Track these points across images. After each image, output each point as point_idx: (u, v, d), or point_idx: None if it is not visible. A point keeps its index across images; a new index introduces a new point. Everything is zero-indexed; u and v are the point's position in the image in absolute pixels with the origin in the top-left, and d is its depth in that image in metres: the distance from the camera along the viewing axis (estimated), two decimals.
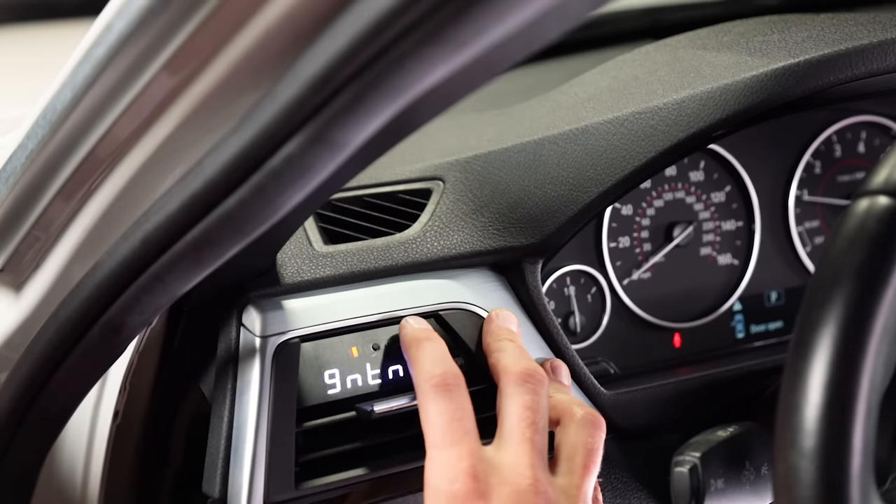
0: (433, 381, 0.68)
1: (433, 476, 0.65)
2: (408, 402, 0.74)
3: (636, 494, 0.87)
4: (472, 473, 0.64)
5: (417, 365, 0.70)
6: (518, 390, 0.69)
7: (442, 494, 0.64)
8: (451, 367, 0.69)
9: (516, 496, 0.64)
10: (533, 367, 0.71)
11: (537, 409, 0.68)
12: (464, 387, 0.69)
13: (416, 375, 0.70)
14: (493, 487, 0.64)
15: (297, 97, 0.48)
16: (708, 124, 0.80)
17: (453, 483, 0.64)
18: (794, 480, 0.56)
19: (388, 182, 0.86)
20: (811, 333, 0.57)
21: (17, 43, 1.34)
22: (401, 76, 0.46)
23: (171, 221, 0.56)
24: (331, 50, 0.46)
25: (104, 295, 0.61)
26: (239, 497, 0.70)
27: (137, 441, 0.82)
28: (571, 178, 0.82)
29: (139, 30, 0.53)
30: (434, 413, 0.67)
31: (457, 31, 0.44)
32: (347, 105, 0.48)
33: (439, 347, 0.72)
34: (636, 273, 0.96)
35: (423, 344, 0.72)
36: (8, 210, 0.69)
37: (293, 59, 0.48)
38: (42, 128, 0.62)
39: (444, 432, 0.66)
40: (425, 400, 0.68)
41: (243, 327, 0.73)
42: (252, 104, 0.51)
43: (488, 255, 0.82)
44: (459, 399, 0.68)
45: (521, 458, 0.66)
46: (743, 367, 0.92)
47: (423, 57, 0.45)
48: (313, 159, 0.51)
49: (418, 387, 0.69)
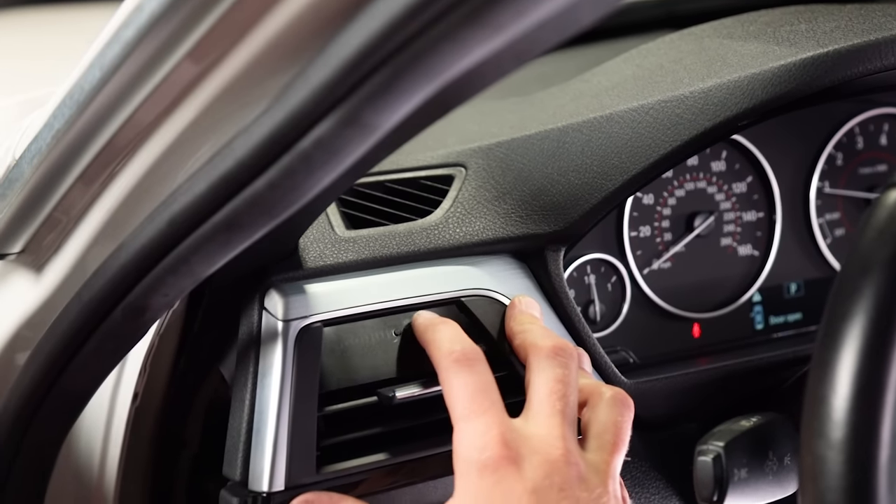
0: (453, 355, 0.67)
1: (463, 448, 0.64)
2: (429, 388, 0.73)
3: (654, 484, 0.87)
4: (503, 441, 0.63)
5: (435, 345, 0.70)
6: (549, 363, 0.68)
7: (473, 465, 0.63)
8: (469, 343, 0.69)
9: (548, 465, 0.63)
10: (563, 343, 0.70)
11: (568, 383, 0.67)
12: (485, 361, 0.68)
13: (435, 354, 0.69)
14: (524, 455, 0.63)
15: (330, 78, 0.48)
16: (734, 113, 0.79)
17: (483, 451, 0.62)
18: (821, 471, 0.55)
19: (410, 168, 0.86)
20: (840, 324, 0.57)
21: (37, 24, 1.34)
22: (435, 59, 0.46)
23: (199, 203, 0.56)
24: (366, 31, 0.46)
25: (128, 276, 0.61)
26: (260, 480, 0.69)
27: (155, 423, 0.82)
28: (595, 166, 0.82)
29: (170, 11, 0.53)
30: (458, 386, 0.66)
31: (495, 13, 0.44)
32: (380, 87, 0.47)
33: (455, 327, 0.71)
34: (656, 262, 0.95)
35: (437, 326, 0.72)
36: (31, 191, 0.69)
37: (326, 40, 0.48)
38: (69, 108, 0.62)
39: (470, 403, 0.65)
40: (447, 375, 0.67)
41: (265, 311, 0.73)
42: (283, 86, 0.51)
43: (511, 243, 0.82)
44: (482, 372, 0.67)
45: (552, 429, 0.64)
46: (762, 358, 0.91)
47: (459, 39, 0.45)
48: (344, 142, 0.50)
49: (439, 364, 0.68)
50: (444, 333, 0.70)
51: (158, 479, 0.84)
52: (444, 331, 0.71)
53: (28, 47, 1.20)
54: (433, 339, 0.70)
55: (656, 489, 0.87)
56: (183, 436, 0.84)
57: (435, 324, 0.72)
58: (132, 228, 0.61)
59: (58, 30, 1.31)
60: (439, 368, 0.68)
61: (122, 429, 0.79)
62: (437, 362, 0.69)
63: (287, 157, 0.51)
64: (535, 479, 0.62)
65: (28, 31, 1.30)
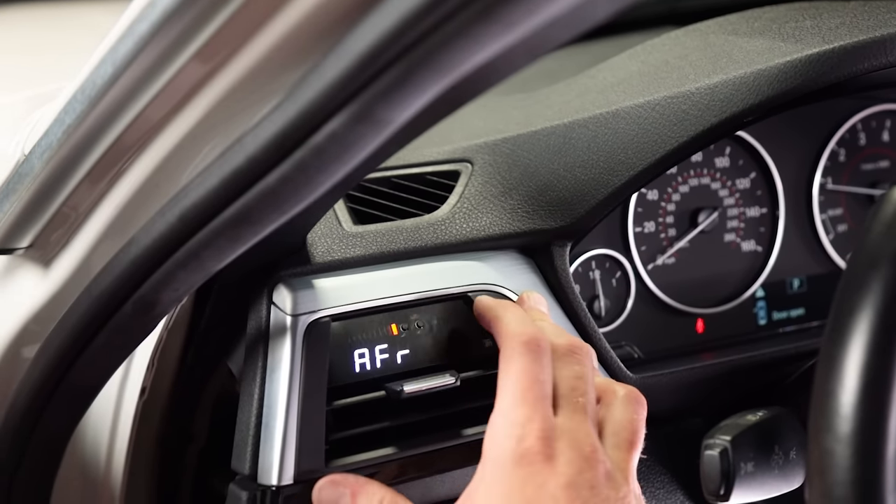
0: (523, 337, 0.66)
1: (499, 433, 0.63)
2: (437, 382, 0.74)
3: (659, 478, 0.88)
4: (544, 437, 0.62)
5: (504, 323, 0.69)
6: (567, 360, 0.68)
7: (508, 452, 0.62)
8: (540, 330, 0.68)
9: (581, 462, 0.62)
10: (577, 341, 0.70)
11: (586, 379, 0.67)
12: (550, 353, 0.67)
13: (502, 333, 0.68)
14: (560, 451, 0.62)
15: (343, 74, 0.48)
16: (740, 110, 0.80)
17: (522, 441, 0.62)
18: (828, 464, 0.56)
19: (417, 163, 0.86)
20: (847, 318, 0.57)
21: (44, 19, 1.34)
22: (448, 55, 0.46)
23: (211, 197, 0.56)
24: (381, 26, 0.46)
25: (139, 271, 0.62)
26: (269, 474, 0.70)
27: (162, 418, 0.82)
28: (602, 162, 0.82)
29: (182, 7, 0.53)
30: (518, 370, 0.65)
31: (508, 10, 0.44)
32: (393, 82, 0.48)
33: (524, 312, 0.71)
34: (661, 258, 0.96)
35: (508, 306, 0.71)
36: (40, 187, 0.70)
37: (339, 35, 0.48)
38: (80, 103, 0.62)
39: (524, 391, 0.64)
40: (512, 355, 0.66)
41: (274, 305, 0.73)
42: (296, 80, 0.51)
43: (517, 238, 0.82)
44: (546, 363, 0.66)
45: (580, 424, 0.64)
46: (765, 353, 0.92)
47: (472, 35, 0.45)
48: (356, 136, 0.51)
49: (505, 343, 0.67)
50: (514, 314, 0.70)
51: (165, 474, 0.85)
52: (515, 311, 0.70)
53: (35, 42, 1.21)
54: (502, 317, 0.70)
55: (661, 483, 0.88)
56: (190, 430, 0.84)
57: (505, 304, 0.72)
58: (140, 224, 0.62)
59: (65, 25, 1.31)
60: (504, 347, 0.67)
61: (130, 423, 0.80)
62: (505, 341, 0.68)
63: (300, 151, 0.52)
64: (568, 475, 0.61)
65: (35, 27, 1.30)
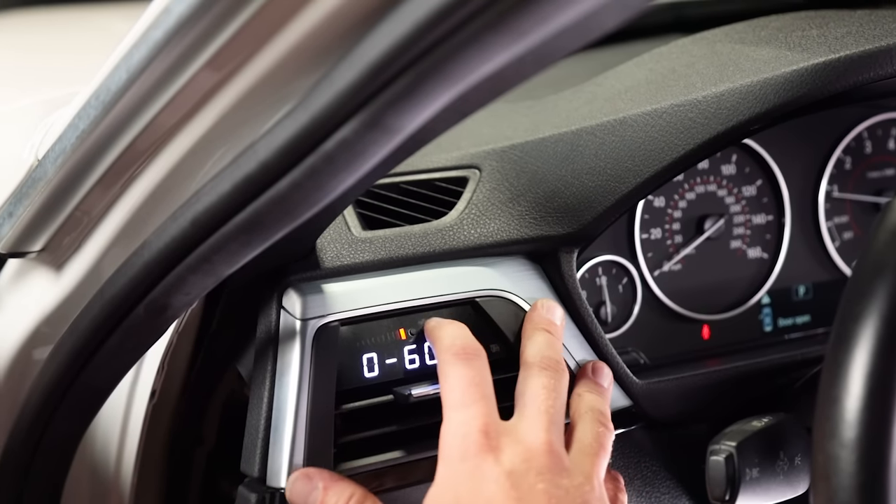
0: (453, 349, 0.71)
1: (447, 434, 0.67)
2: None
3: (665, 483, 0.88)
4: (485, 431, 0.66)
5: (439, 340, 0.73)
6: (539, 374, 0.72)
7: (454, 450, 0.66)
8: (472, 341, 0.72)
9: (527, 453, 0.66)
10: (556, 358, 0.74)
11: (556, 393, 0.71)
12: (485, 358, 0.71)
13: (437, 349, 0.73)
14: (504, 444, 0.66)
15: (355, 82, 0.48)
16: (747, 118, 0.80)
17: (465, 439, 0.66)
18: (833, 470, 0.56)
19: (425, 170, 0.86)
20: (852, 325, 0.58)
21: (57, 23, 1.35)
22: (459, 64, 0.47)
23: (222, 203, 0.57)
24: (392, 35, 0.46)
25: (151, 275, 0.62)
26: (278, 477, 0.70)
27: (172, 421, 0.83)
28: (609, 169, 0.83)
29: (198, 12, 0.54)
30: (453, 377, 0.69)
31: (519, 20, 0.45)
32: (404, 91, 0.48)
33: (460, 326, 0.74)
34: (667, 265, 0.96)
35: (443, 324, 0.74)
36: (53, 191, 0.70)
37: (351, 44, 0.49)
38: (94, 109, 0.63)
39: (462, 394, 0.68)
40: (445, 367, 0.70)
41: (283, 310, 0.74)
42: (308, 88, 0.52)
43: (525, 244, 0.83)
44: (479, 367, 0.70)
45: (536, 423, 0.68)
46: (771, 360, 0.92)
47: (483, 45, 0.46)
48: (367, 144, 0.51)
49: (439, 357, 0.71)
50: (448, 331, 0.73)
51: (174, 476, 0.85)
52: (448, 328, 0.73)
53: (51, 46, 1.21)
54: (438, 336, 0.73)
55: (666, 488, 0.88)
56: (200, 433, 0.85)
57: (442, 323, 0.75)
58: (152, 229, 0.62)
59: (79, 28, 1.32)
60: (439, 361, 0.71)
61: (140, 425, 0.80)
62: (438, 355, 0.72)
63: (311, 158, 0.52)
64: (512, 464, 0.65)
65: (50, 30, 1.30)
